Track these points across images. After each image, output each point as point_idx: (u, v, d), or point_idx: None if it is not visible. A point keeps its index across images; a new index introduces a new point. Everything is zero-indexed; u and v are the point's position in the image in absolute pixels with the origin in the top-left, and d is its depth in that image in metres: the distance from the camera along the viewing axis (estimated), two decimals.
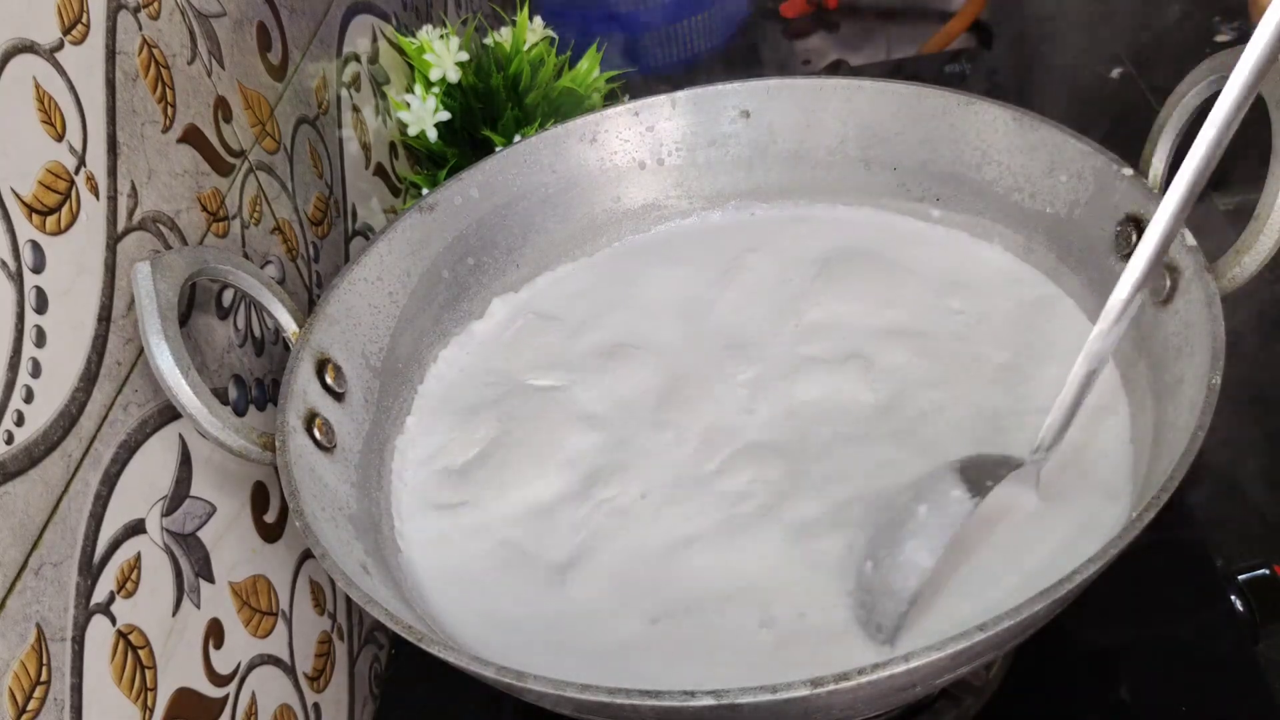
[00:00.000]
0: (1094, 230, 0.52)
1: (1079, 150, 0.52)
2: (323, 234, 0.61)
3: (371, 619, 0.59)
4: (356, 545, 0.46)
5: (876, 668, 0.33)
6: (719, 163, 0.64)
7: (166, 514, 0.42)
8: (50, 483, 0.36)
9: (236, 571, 0.47)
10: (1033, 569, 0.43)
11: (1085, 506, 0.45)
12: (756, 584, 0.45)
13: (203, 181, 0.48)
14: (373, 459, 0.53)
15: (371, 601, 0.39)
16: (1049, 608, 0.35)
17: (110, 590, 0.38)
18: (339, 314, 0.53)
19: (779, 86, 0.62)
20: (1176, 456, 0.38)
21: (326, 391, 0.50)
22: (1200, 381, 0.40)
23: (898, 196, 0.62)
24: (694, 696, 0.33)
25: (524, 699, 0.39)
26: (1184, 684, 0.50)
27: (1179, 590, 0.53)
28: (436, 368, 0.59)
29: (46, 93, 0.38)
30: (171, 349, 0.41)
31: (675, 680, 0.42)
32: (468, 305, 0.61)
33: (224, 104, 0.51)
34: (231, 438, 0.43)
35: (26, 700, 0.33)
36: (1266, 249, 0.43)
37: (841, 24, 1.04)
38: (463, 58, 0.73)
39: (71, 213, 0.38)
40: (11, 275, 0.35)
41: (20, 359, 0.35)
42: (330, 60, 0.65)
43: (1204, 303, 0.43)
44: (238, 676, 0.45)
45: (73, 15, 0.40)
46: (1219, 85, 0.46)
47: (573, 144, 0.63)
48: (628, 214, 0.65)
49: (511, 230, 0.63)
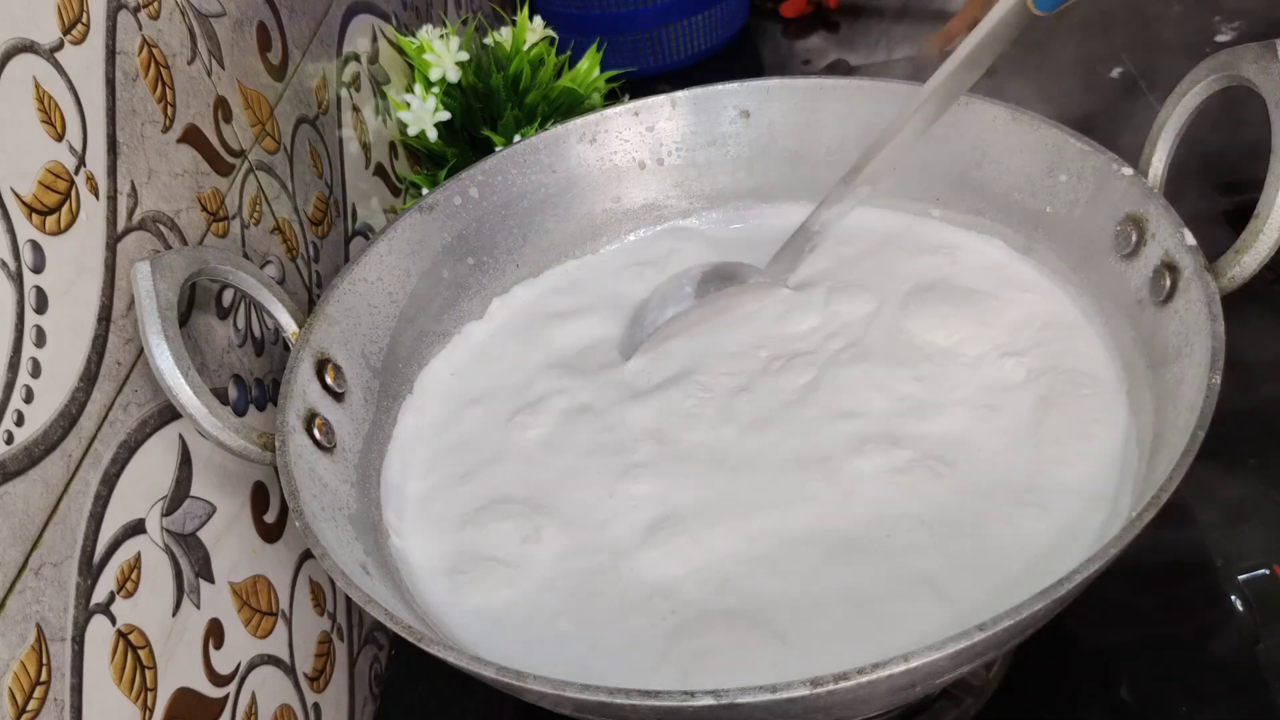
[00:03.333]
0: (1094, 230, 0.52)
1: (1079, 150, 0.52)
2: (323, 234, 0.61)
3: (371, 619, 0.59)
4: (356, 545, 0.46)
5: (876, 667, 0.33)
6: (719, 163, 0.64)
7: (166, 514, 0.42)
8: (50, 483, 0.36)
9: (236, 571, 0.47)
10: (1029, 569, 0.43)
11: (1084, 506, 0.45)
12: (759, 595, 0.45)
13: (203, 181, 0.48)
14: (373, 459, 0.53)
15: (371, 601, 0.39)
16: (1049, 608, 0.35)
17: (110, 590, 0.38)
18: (339, 314, 0.53)
19: (779, 86, 0.62)
20: (1176, 456, 0.38)
21: (326, 391, 0.50)
22: (1200, 381, 0.40)
23: (898, 196, 0.62)
24: (694, 696, 0.33)
25: (524, 699, 0.39)
26: (1184, 684, 0.50)
27: (1179, 590, 0.53)
28: (436, 367, 0.59)
29: (46, 92, 0.38)
30: (171, 349, 0.41)
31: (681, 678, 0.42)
32: (468, 305, 0.61)
33: (224, 104, 0.51)
34: (231, 438, 0.43)
35: (26, 700, 0.33)
36: (1266, 249, 0.43)
37: (841, 24, 1.04)
38: (463, 58, 0.73)
39: (71, 213, 0.38)
40: (11, 275, 0.35)
41: (20, 359, 0.35)
42: (330, 60, 0.65)
43: (1204, 302, 0.43)
44: (238, 676, 0.45)
45: (73, 15, 0.40)
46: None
47: (573, 144, 0.63)
48: (628, 214, 0.65)
49: (511, 230, 0.63)
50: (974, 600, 0.43)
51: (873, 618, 0.43)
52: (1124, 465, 0.46)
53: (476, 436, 0.55)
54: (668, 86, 0.64)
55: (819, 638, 0.43)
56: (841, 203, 0.57)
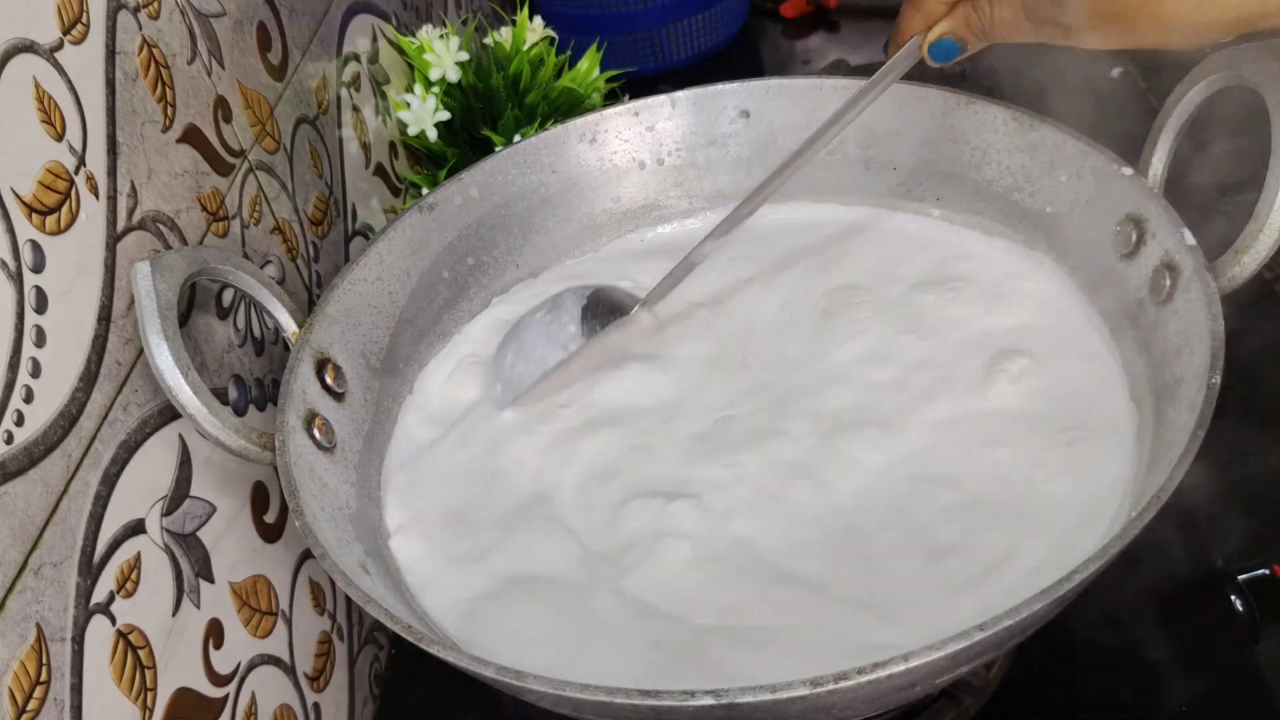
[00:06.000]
0: (1094, 230, 0.52)
1: (1079, 150, 0.52)
2: (323, 234, 0.61)
3: (371, 619, 0.58)
4: (356, 545, 0.46)
5: (876, 667, 0.33)
6: (719, 163, 0.64)
7: (166, 514, 0.42)
8: (50, 483, 0.36)
9: (236, 571, 0.47)
10: (1031, 568, 0.43)
11: (1084, 505, 0.45)
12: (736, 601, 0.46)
13: (202, 181, 0.48)
14: (373, 459, 0.53)
15: (371, 601, 0.39)
16: (1049, 607, 0.35)
17: (110, 590, 0.38)
18: (339, 314, 0.53)
19: (779, 86, 0.62)
20: (1176, 456, 0.38)
21: (326, 391, 0.50)
22: (1199, 381, 0.40)
23: (898, 196, 0.62)
24: (693, 696, 0.33)
25: (524, 699, 0.39)
26: (1184, 684, 0.50)
27: (1179, 590, 0.53)
28: (436, 367, 0.59)
29: (46, 92, 0.38)
30: (171, 349, 0.41)
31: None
32: (468, 305, 0.61)
33: (224, 104, 0.51)
34: (231, 438, 0.43)
35: (26, 700, 0.33)
36: (1266, 249, 0.43)
37: (841, 24, 1.04)
38: (463, 57, 0.73)
39: (71, 213, 0.38)
40: (11, 275, 0.35)
41: (20, 359, 0.35)
42: (330, 60, 0.65)
43: (1203, 302, 0.43)
44: (237, 676, 0.45)
45: (73, 15, 0.40)
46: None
47: (573, 144, 0.63)
48: (628, 214, 0.65)
49: (511, 230, 0.63)
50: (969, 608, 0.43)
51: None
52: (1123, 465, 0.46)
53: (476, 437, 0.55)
54: (668, 86, 0.64)
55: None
56: (728, 234, 0.54)
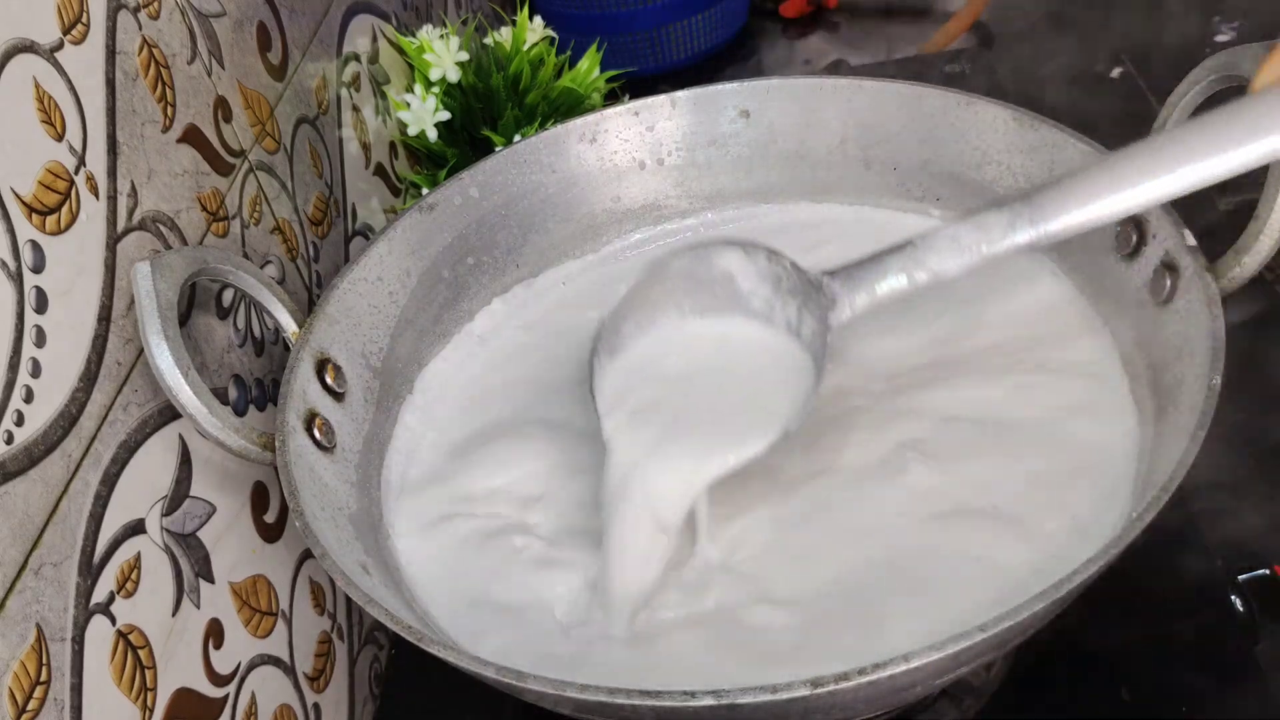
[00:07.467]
0: (1094, 230, 0.52)
1: (1079, 150, 0.52)
2: (323, 234, 0.61)
3: (371, 619, 0.59)
4: (356, 545, 0.46)
5: (876, 668, 0.33)
6: (719, 163, 0.64)
7: (166, 514, 0.42)
8: (50, 483, 0.36)
9: (236, 571, 0.47)
10: (1031, 570, 0.43)
11: (1084, 507, 0.45)
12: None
13: (202, 181, 0.48)
14: (373, 459, 0.53)
15: (371, 601, 0.39)
16: (1049, 608, 0.35)
17: (110, 590, 0.38)
18: (339, 314, 0.53)
19: (779, 86, 0.62)
20: (1176, 457, 0.38)
21: (326, 391, 0.50)
22: (1200, 382, 0.40)
23: (898, 196, 0.62)
24: (694, 696, 0.33)
25: (524, 699, 0.39)
26: (1184, 684, 0.50)
27: (1179, 590, 0.53)
28: (436, 367, 0.59)
29: (46, 92, 0.38)
30: (171, 349, 0.41)
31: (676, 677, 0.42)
32: (468, 305, 0.61)
33: (224, 104, 0.51)
34: (231, 438, 0.43)
35: (26, 700, 0.33)
36: (1266, 249, 0.43)
37: (841, 24, 1.04)
38: (463, 57, 0.73)
39: (71, 213, 0.38)
40: (11, 275, 0.35)
41: (20, 359, 0.35)
42: (330, 60, 0.65)
43: (1204, 303, 0.43)
44: (238, 676, 0.45)
45: (73, 15, 0.40)
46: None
47: (573, 144, 0.63)
48: (628, 214, 0.65)
49: (511, 230, 0.63)
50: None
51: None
52: (1124, 465, 0.46)
53: (476, 437, 0.55)
54: (668, 86, 0.64)
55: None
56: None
